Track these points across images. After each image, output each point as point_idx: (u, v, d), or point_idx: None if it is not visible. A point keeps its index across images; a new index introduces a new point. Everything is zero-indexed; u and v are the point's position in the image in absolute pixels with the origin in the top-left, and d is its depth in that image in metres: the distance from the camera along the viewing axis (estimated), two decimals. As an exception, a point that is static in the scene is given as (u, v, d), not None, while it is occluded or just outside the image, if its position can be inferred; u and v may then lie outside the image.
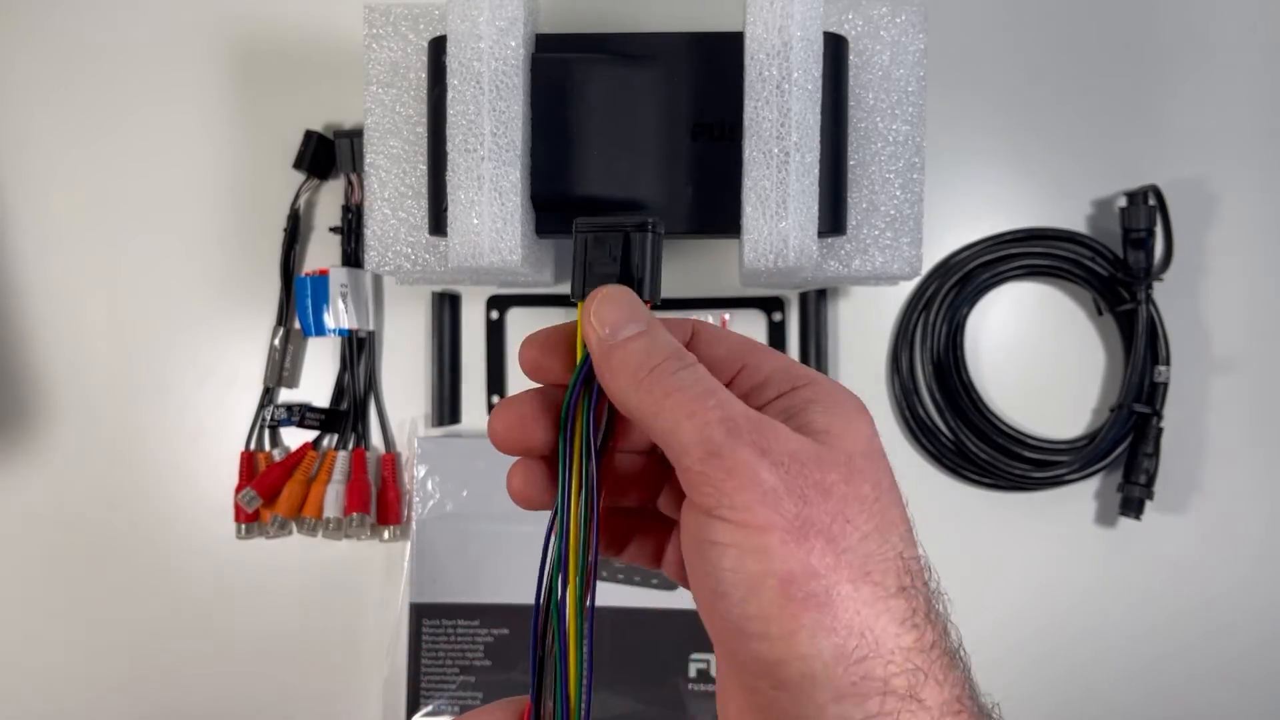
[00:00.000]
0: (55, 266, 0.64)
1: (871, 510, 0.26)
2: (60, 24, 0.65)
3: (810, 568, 0.24)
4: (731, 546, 0.24)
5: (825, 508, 0.25)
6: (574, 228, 0.29)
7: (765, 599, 0.24)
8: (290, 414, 0.63)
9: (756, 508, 0.24)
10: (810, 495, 0.25)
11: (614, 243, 0.29)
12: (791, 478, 0.25)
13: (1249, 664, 0.63)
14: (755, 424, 0.25)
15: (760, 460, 0.24)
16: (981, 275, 0.62)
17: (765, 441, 0.25)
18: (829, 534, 0.24)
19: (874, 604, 0.24)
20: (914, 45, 0.53)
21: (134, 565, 0.64)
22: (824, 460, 0.25)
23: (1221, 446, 0.63)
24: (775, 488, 0.24)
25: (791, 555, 0.24)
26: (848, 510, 0.25)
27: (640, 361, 0.27)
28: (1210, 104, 0.63)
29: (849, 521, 0.25)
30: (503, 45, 0.47)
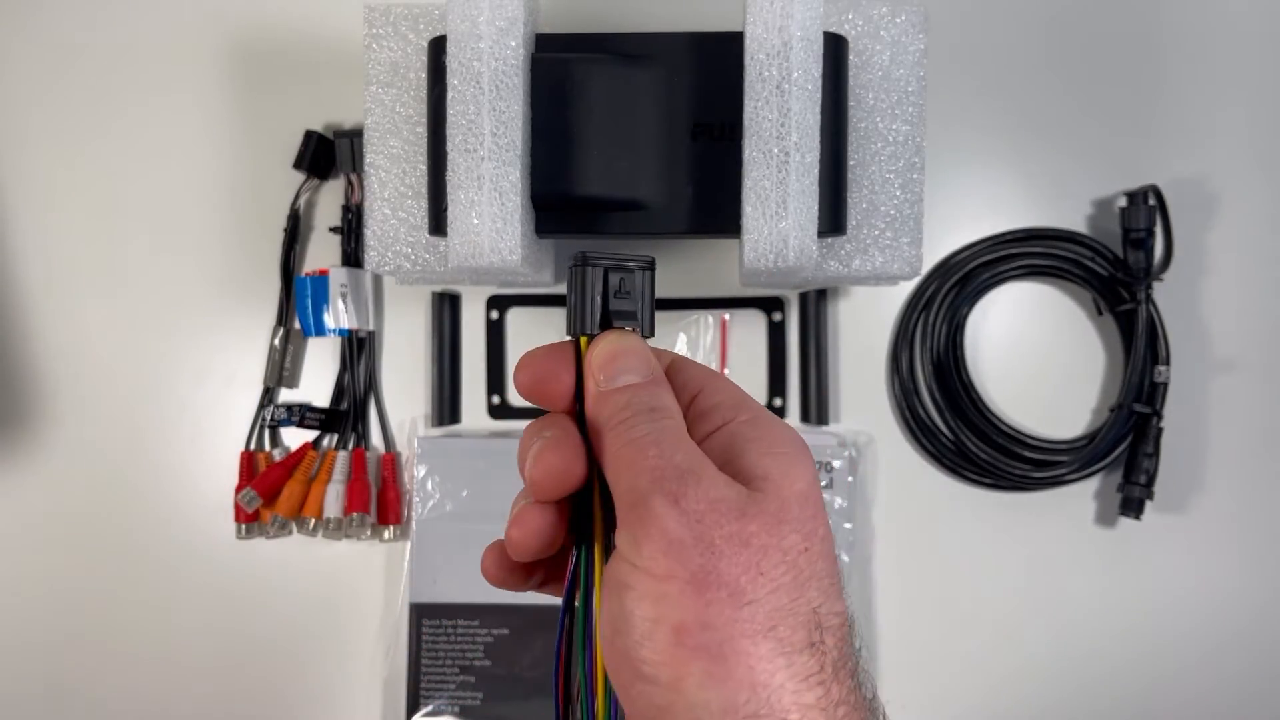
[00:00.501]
0: (55, 266, 0.64)
1: (793, 562, 0.26)
2: (60, 24, 0.65)
3: (705, 619, 0.24)
4: (634, 590, 0.25)
5: (737, 559, 0.25)
6: (572, 260, 0.29)
7: (658, 643, 0.25)
8: (290, 414, 0.63)
9: (660, 557, 0.25)
10: (721, 547, 0.25)
11: (615, 279, 0.29)
12: (704, 528, 0.25)
13: (1249, 664, 0.63)
14: (680, 474, 0.26)
15: (670, 510, 0.25)
16: (981, 275, 0.62)
17: (683, 490, 0.25)
18: (735, 586, 0.25)
19: (774, 659, 0.25)
20: (914, 45, 0.53)
21: (134, 565, 0.64)
22: (748, 510, 0.26)
23: (1221, 446, 0.63)
24: (681, 538, 0.25)
25: (688, 605, 0.24)
26: (764, 562, 0.25)
27: (616, 410, 0.28)
28: (1210, 104, 0.63)
29: (762, 574, 0.25)
30: (503, 45, 0.47)
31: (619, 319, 0.30)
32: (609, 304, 0.29)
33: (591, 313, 0.29)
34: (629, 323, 0.30)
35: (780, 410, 0.64)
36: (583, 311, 0.29)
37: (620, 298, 0.29)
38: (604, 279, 0.29)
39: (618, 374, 0.29)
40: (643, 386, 0.29)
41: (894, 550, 0.63)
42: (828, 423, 0.63)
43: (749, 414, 0.29)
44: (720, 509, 0.26)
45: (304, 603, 0.64)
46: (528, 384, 0.30)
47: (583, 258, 0.29)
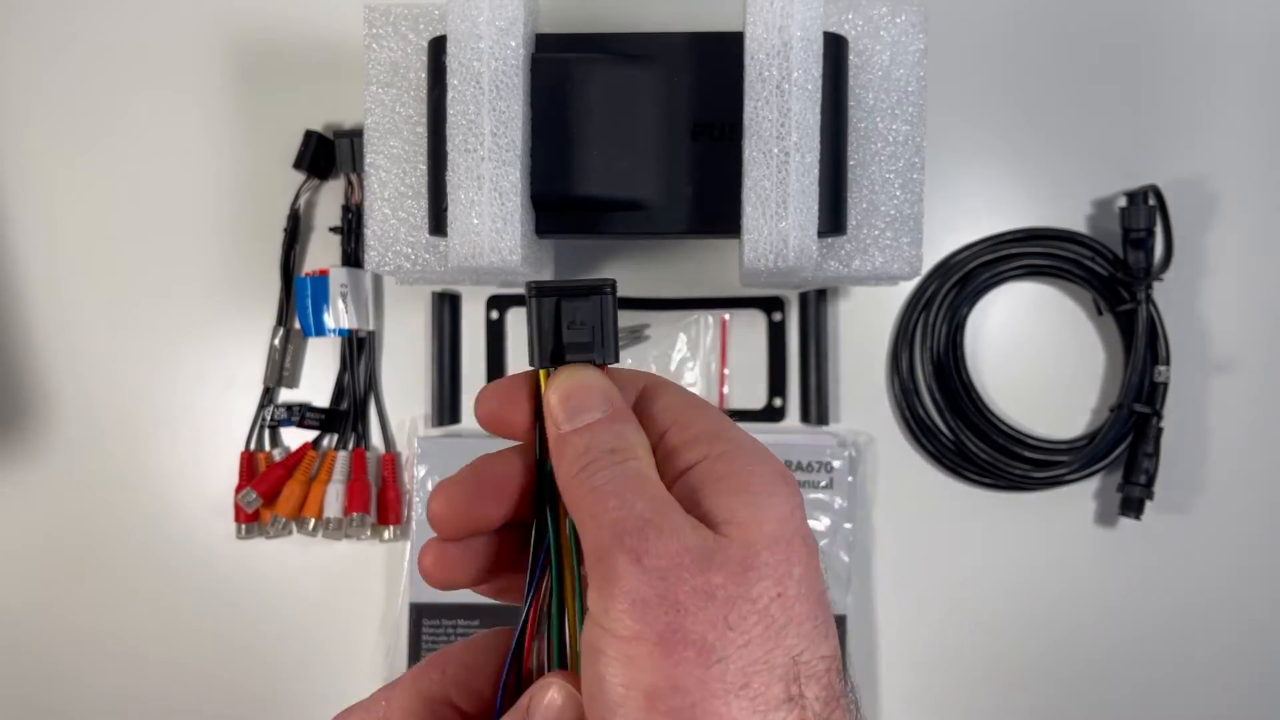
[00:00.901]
0: (55, 266, 0.64)
1: (764, 611, 0.24)
2: (60, 24, 0.65)
3: (675, 681, 0.23)
4: (603, 653, 0.24)
5: (704, 615, 0.24)
6: (526, 290, 0.28)
7: (630, 710, 0.23)
8: (290, 414, 0.63)
9: (625, 618, 0.24)
10: (687, 602, 0.24)
11: (572, 307, 0.28)
12: (668, 584, 0.24)
13: (1249, 664, 0.63)
14: (641, 525, 0.24)
15: (633, 568, 0.24)
16: (981, 275, 0.62)
17: (645, 546, 0.24)
18: (703, 644, 0.23)
19: (747, 718, 0.23)
20: (914, 45, 0.53)
21: (134, 565, 0.64)
22: (713, 559, 0.24)
23: (1221, 446, 0.63)
24: (646, 597, 0.24)
25: (657, 668, 0.23)
26: (732, 615, 0.24)
27: (576, 456, 0.27)
28: (1210, 104, 0.63)
29: (731, 628, 0.24)
30: (503, 45, 0.47)
31: (575, 351, 0.28)
32: (563, 336, 0.28)
33: (544, 347, 0.28)
34: (586, 354, 0.28)
35: (780, 410, 0.64)
36: (538, 345, 0.28)
37: (576, 329, 0.28)
38: (556, 310, 0.28)
39: (574, 413, 0.27)
40: (601, 424, 0.27)
41: (894, 550, 0.63)
42: (828, 423, 0.63)
43: (723, 447, 0.27)
44: (684, 561, 0.24)
45: (304, 603, 0.64)
46: (485, 417, 0.30)
47: (534, 289, 0.28)
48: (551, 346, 0.28)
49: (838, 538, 0.62)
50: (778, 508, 0.26)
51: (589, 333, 0.28)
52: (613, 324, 0.28)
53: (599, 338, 0.28)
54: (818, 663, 0.25)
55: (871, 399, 0.64)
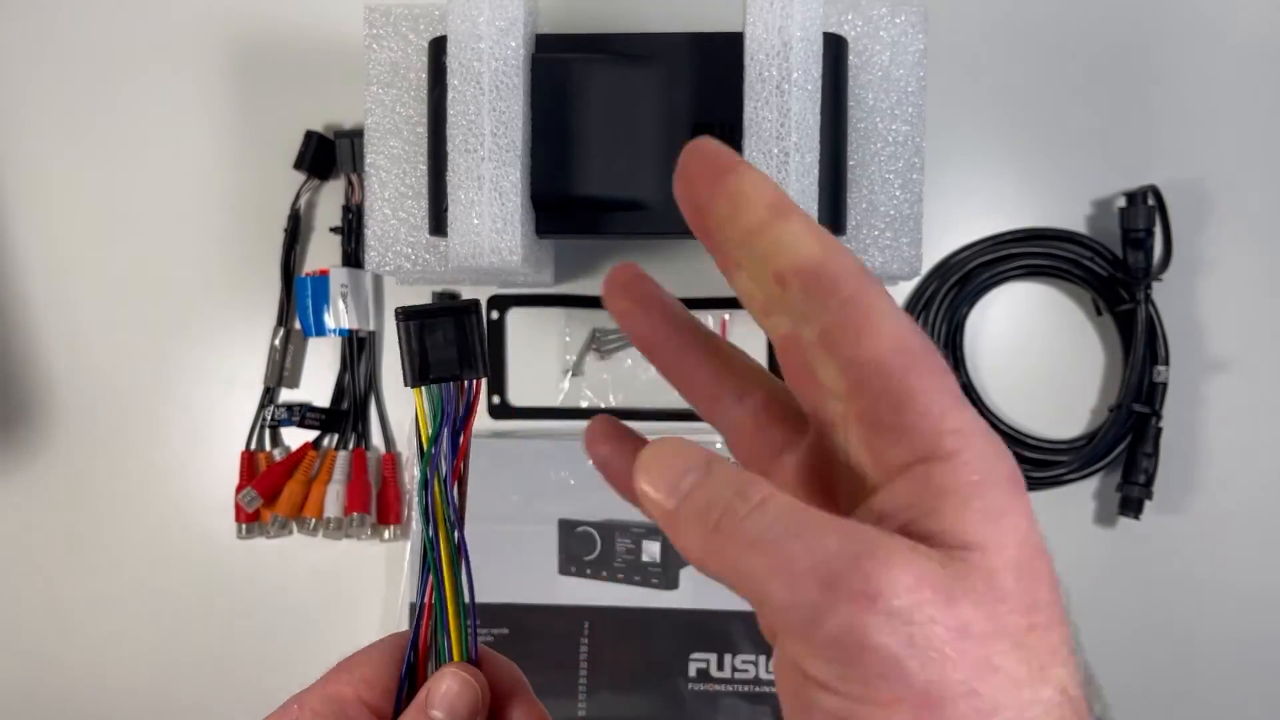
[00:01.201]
0: (55, 267, 0.65)
1: (1025, 644, 0.20)
2: (60, 24, 0.65)
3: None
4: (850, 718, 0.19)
5: (964, 660, 0.19)
6: (395, 315, 0.30)
7: None
8: (291, 414, 0.63)
9: (879, 681, 0.19)
10: (942, 648, 0.19)
11: (445, 327, 0.29)
12: (915, 630, 0.19)
13: (1248, 664, 0.63)
14: (856, 564, 0.19)
15: (870, 618, 0.19)
16: (981, 275, 0.63)
17: (875, 587, 0.19)
18: (973, 693, 0.19)
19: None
20: (914, 46, 0.53)
21: (134, 565, 0.64)
22: (956, 592, 0.19)
23: (1221, 446, 0.63)
24: (895, 654, 0.19)
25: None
26: (993, 654, 0.19)
27: (701, 522, 0.21)
28: (1210, 104, 0.63)
29: (996, 670, 0.19)
30: (503, 45, 0.48)
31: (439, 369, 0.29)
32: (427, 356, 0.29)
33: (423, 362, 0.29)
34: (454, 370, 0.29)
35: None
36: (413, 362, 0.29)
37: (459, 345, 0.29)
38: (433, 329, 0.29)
39: (673, 484, 0.22)
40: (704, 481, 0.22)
41: (894, 550, 0.63)
42: (827, 423, 0.63)
43: (953, 445, 0.21)
44: (926, 596, 0.19)
45: (304, 602, 0.64)
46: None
47: (400, 313, 0.29)
48: (419, 366, 0.29)
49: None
50: (1016, 526, 0.21)
51: (453, 350, 0.29)
52: (483, 339, 0.29)
53: (466, 355, 0.29)
54: (1076, 688, 0.21)
55: (871, 399, 0.64)
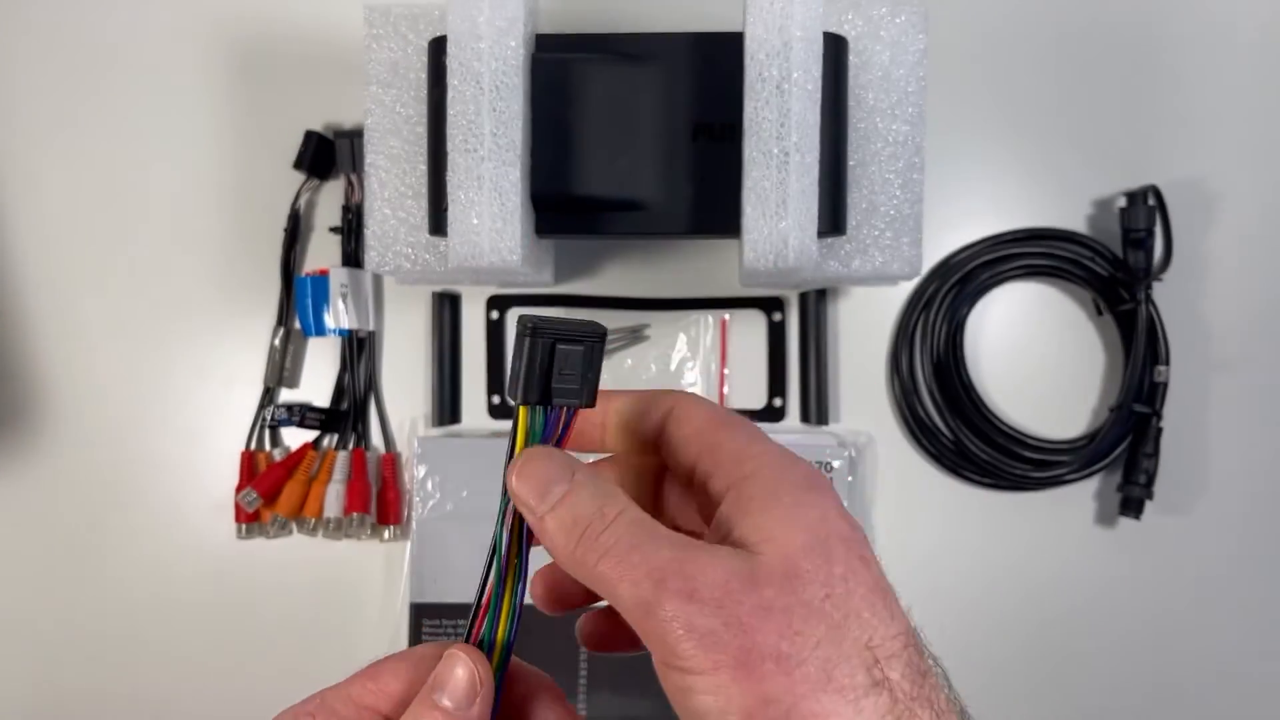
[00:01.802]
0: (56, 267, 0.65)
1: (822, 611, 0.25)
2: (61, 24, 0.65)
3: (766, 694, 0.24)
4: (692, 691, 0.25)
5: (769, 628, 0.24)
6: (521, 325, 0.28)
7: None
8: (291, 414, 0.63)
9: (700, 654, 0.24)
10: (749, 621, 0.24)
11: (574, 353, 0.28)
12: (726, 611, 0.24)
13: (1247, 664, 0.63)
14: (680, 566, 0.25)
15: (689, 606, 0.24)
16: (981, 275, 0.62)
17: (692, 583, 0.25)
18: (778, 654, 0.24)
19: (841, 710, 0.24)
20: (914, 45, 0.53)
21: (134, 565, 0.64)
22: (757, 577, 0.25)
23: (1221, 446, 0.63)
24: (712, 629, 0.24)
25: (746, 689, 0.24)
26: (794, 622, 0.25)
27: (567, 534, 0.27)
28: (1210, 104, 0.63)
29: (799, 633, 0.24)
30: (503, 45, 0.48)
31: (560, 396, 0.28)
32: (551, 379, 0.28)
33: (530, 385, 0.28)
34: (572, 399, 0.28)
35: (780, 410, 0.64)
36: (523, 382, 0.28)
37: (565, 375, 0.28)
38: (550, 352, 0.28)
39: (544, 493, 0.27)
40: (574, 492, 0.27)
41: (894, 550, 0.63)
42: (827, 423, 0.63)
43: (751, 467, 0.28)
44: (734, 585, 0.25)
45: (304, 603, 0.64)
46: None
47: (530, 327, 0.28)
48: (539, 386, 0.28)
49: (838, 538, 0.62)
50: (806, 516, 0.26)
51: (576, 379, 0.28)
52: (598, 372, 0.29)
53: (584, 383, 0.28)
54: (890, 643, 0.25)
55: (871, 399, 0.64)
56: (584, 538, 0.26)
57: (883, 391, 0.64)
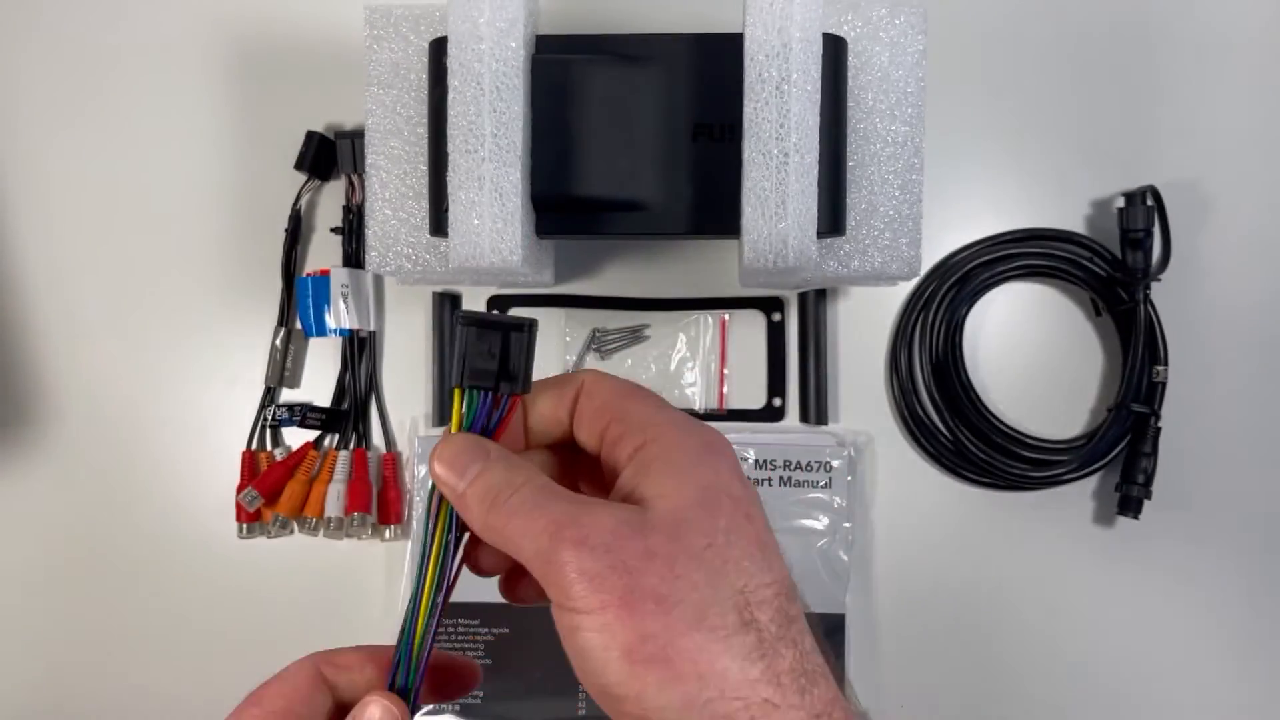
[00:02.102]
0: (57, 267, 0.65)
1: (703, 558, 0.28)
2: (61, 24, 0.65)
3: (645, 631, 0.27)
4: (579, 629, 0.27)
5: (652, 571, 0.27)
6: (455, 317, 0.31)
7: (615, 668, 0.27)
8: (292, 414, 0.63)
9: (589, 594, 0.27)
10: (635, 565, 0.27)
11: (494, 340, 0.31)
12: (614, 555, 0.27)
13: (1246, 664, 0.63)
14: (574, 518, 0.28)
15: (580, 551, 0.27)
16: (980, 275, 0.63)
17: (583, 532, 0.27)
18: (658, 595, 0.27)
19: (712, 647, 0.27)
20: (913, 46, 0.53)
21: (135, 565, 0.64)
22: (645, 526, 0.28)
23: (1219, 446, 0.63)
24: (600, 570, 0.27)
25: (627, 625, 0.27)
26: (676, 567, 0.27)
27: (482, 502, 0.29)
28: (1208, 104, 0.63)
29: (679, 577, 0.27)
30: (503, 46, 0.48)
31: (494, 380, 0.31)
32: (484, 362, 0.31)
33: (468, 369, 0.31)
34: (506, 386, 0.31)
35: (780, 410, 0.64)
36: (462, 367, 0.31)
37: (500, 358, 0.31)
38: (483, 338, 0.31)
39: (463, 471, 0.30)
40: (489, 469, 0.30)
41: (893, 549, 0.63)
42: (827, 422, 0.63)
43: (654, 432, 0.30)
44: (623, 532, 0.27)
45: (305, 602, 0.64)
46: None
47: (465, 319, 0.31)
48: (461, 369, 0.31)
49: (837, 537, 0.62)
50: (702, 475, 0.29)
51: (511, 366, 0.31)
52: (530, 359, 0.31)
53: (518, 371, 0.31)
54: (763, 590, 0.28)
55: (870, 399, 0.64)
56: (494, 504, 0.29)
57: (882, 391, 0.64)
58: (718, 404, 0.64)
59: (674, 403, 0.64)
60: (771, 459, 0.62)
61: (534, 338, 0.31)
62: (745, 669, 0.27)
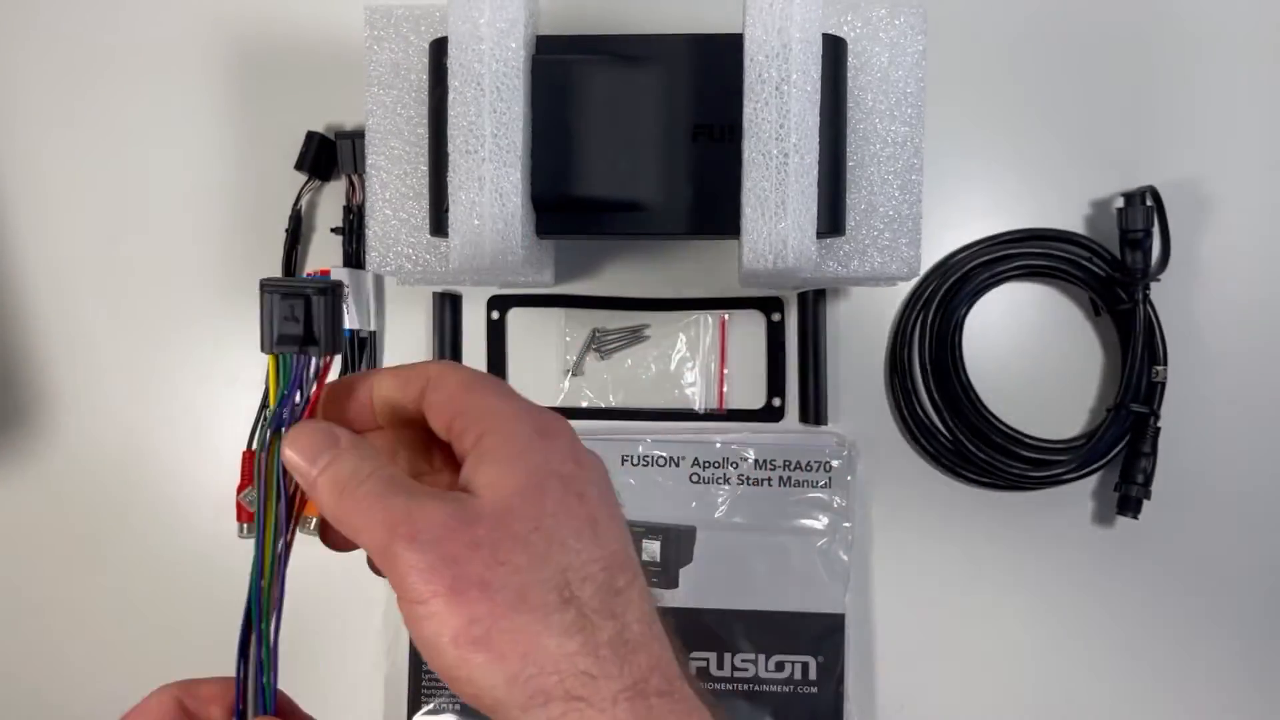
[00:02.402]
0: (57, 267, 0.65)
1: (527, 542, 0.29)
2: (62, 24, 0.65)
3: (470, 616, 0.28)
4: (419, 620, 0.29)
5: (477, 559, 0.28)
6: (260, 286, 0.32)
7: (448, 653, 0.28)
8: (292, 414, 0.63)
9: (420, 586, 0.28)
10: (461, 555, 0.28)
11: (297, 304, 0.32)
12: (443, 547, 0.28)
13: (1246, 664, 0.63)
14: (408, 514, 0.29)
15: (411, 547, 0.28)
16: (979, 275, 0.63)
17: (415, 528, 0.29)
18: (483, 581, 0.28)
19: (532, 626, 0.28)
20: (912, 47, 0.53)
21: (135, 565, 0.64)
22: (470, 517, 0.29)
23: (1219, 446, 0.63)
24: (430, 563, 0.28)
25: (454, 612, 0.28)
26: (500, 553, 0.29)
27: (330, 490, 0.31)
28: (1208, 104, 0.63)
29: (502, 563, 0.28)
30: (503, 47, 0.48)
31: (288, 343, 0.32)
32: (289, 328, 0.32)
33: (274, 333, 0.32)
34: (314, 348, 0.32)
35: (779, 410, 0.64)
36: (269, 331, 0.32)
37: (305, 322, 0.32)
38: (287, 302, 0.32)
39: (315, 457, 0.31)
40: (340, 456, 0.31)
41: (892, 549, 0.64)
42: (826, 422, 0.63)
43: (490, 423, 0.31)
44: (451, 525, 0.29)
45: (305, 601, 0.64)
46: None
47: (266, 285, 0.32)
48: (268, 334, 0.32)
49: (836, 537, 0.62)
50: (529, 460, 0.30)
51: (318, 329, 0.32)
52: (337, 322, 0.33)
53: (312, 332, 0.32)
54: (587, 566, 0.30)
55: (870, 399, 0.64)
56: (343, 494, 0.30)
57: (881, 391, 0.64)
58: (717, 404, 0.64)
59: (673, 403, 0.64)
60: (771, 459, 0.62)
61: (338, 299, 0.33)
62: (563, 644, 0.28)
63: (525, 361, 0.64)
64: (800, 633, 0.61)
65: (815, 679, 0.61)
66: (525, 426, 0.31)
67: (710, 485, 0.62)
